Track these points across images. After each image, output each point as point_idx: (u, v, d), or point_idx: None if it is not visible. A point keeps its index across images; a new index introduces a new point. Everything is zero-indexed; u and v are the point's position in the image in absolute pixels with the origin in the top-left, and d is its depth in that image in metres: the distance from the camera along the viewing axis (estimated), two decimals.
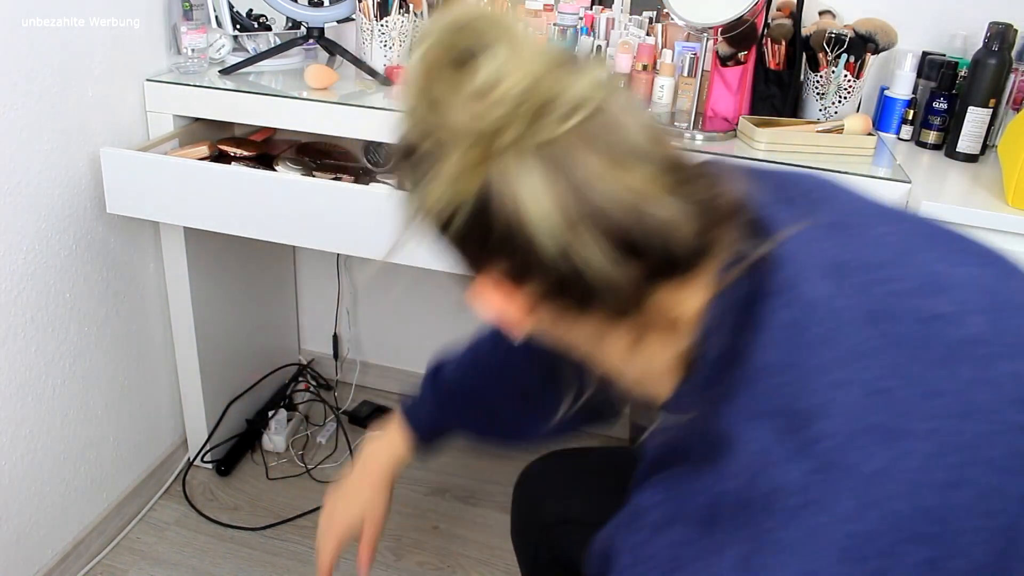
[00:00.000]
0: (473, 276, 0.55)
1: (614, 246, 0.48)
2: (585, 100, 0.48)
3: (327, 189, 1.28)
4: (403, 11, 1.50)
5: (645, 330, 0.55)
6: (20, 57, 1.19)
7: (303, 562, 1.56)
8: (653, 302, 0.53)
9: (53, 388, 1.37)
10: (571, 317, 0.55)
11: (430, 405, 0.95)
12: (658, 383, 0.58)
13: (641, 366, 0.58)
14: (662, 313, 0.54)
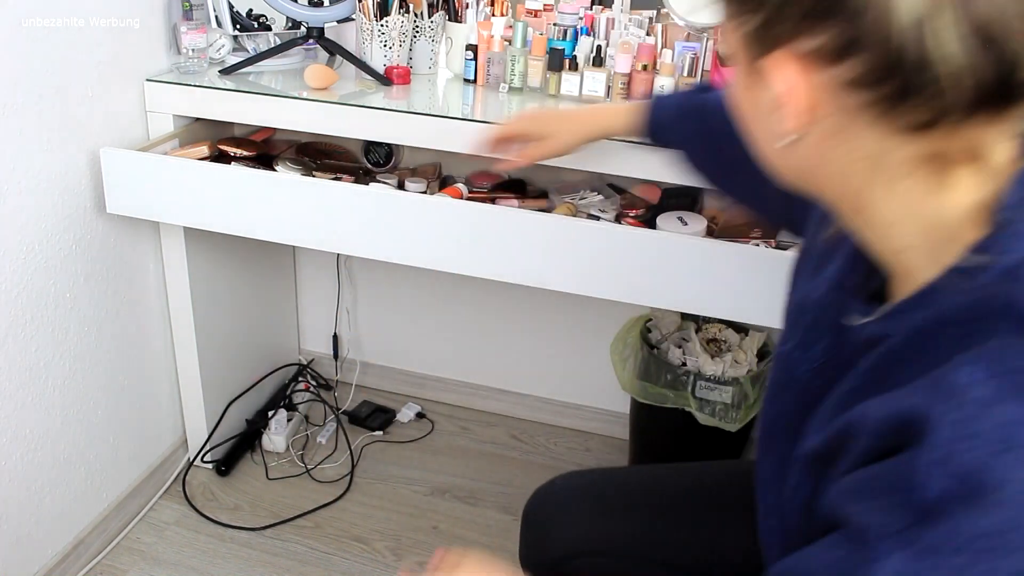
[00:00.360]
0: (770, 48, 0.50)
1: (973, 33, 0.43)
2: None
3: (327, 189, 1.28)
4: (403, 11, 1.50)
5: (943, 164, 0.49)
6: (20, 57, 1.19)
7: (303, 562, 1.56)
8: (969, 126, 0.47)
9: (53, 388, 1.37)
10: (866, 119, 0.48)
11: (673, 110, 0.99)
12: (936, 245, 0.51)
13: (925, 215, 0.51)
14: (972, 145, 0.48)
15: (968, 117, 0.46)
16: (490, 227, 1.23)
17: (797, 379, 0.67)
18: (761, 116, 0.55)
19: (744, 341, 1.67)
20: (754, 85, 0.53)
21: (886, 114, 0.48)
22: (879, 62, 0.46)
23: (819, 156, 0.53)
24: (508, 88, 1.54)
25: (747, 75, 0.53)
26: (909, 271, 0.54)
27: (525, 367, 2.01)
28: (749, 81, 0.53)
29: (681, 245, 1.17)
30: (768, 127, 0.54)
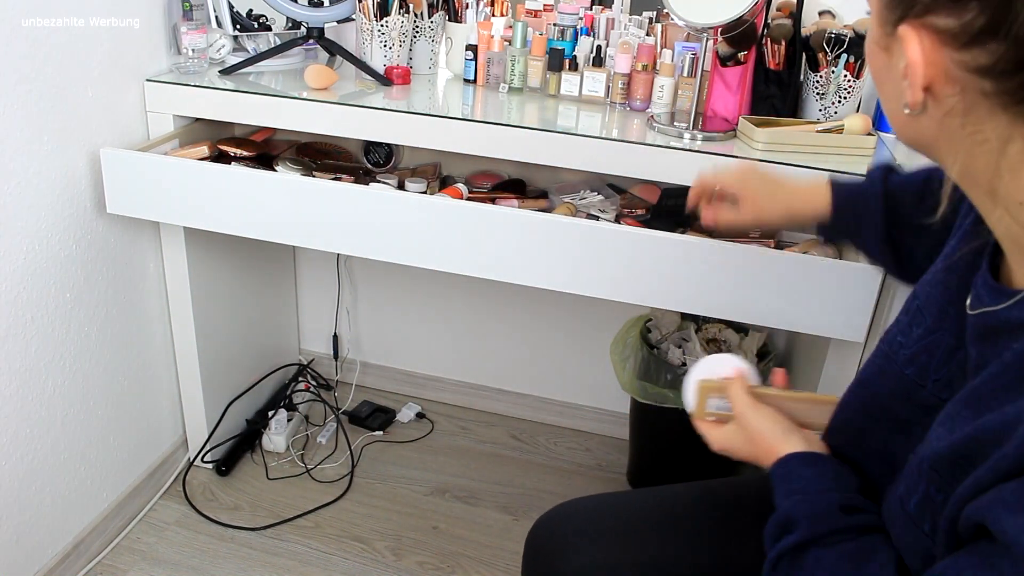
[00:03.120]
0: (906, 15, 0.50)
1: None
2: None
3: (327, 189, 1.28)
4: (403, 11, 1.50)
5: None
6: (20, 57, 1.19)
7: (303, 562, 1.56)
8: None
9: (53, 388, 1.37)
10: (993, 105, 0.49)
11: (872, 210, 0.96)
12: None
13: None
14: None
15: None
16: (490, 227, 1.23)
17: (893, 364, 0.67)
18: (891, 79, 0.55)
19: (744, 341, 1.67)
20: (889, 47, 0.54)
21: (1016, 104, 0.48)
22: (1013, 55, 0.46)
23: (941, 132, 0.53)
24: (508, 88, 1.54)
25: (884, 35, 0.54)
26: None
27: (525, 367, 2.01)
28: (885, 42, 0.54)
29: (681, 245, 1.18)
30: (896, 91, 0.55)
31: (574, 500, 0.95)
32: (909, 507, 0.58)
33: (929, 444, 0.58)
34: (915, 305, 0.68)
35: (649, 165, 1.26)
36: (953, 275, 0.65)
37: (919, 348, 0.66)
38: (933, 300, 0.66)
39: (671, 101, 1.45)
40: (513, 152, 1.31)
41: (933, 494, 0.56)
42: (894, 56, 0.53)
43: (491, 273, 1.27)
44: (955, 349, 0.63)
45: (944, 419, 0.57)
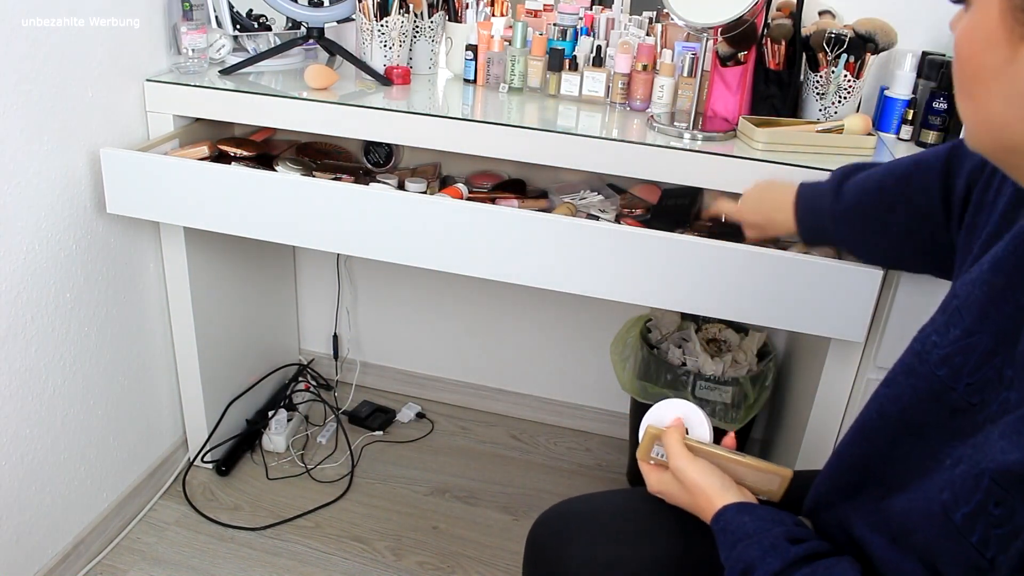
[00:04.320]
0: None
1: None
2: None
3: (327, 189, 1.28)
4: (403, 11, 1.50)
5: None
6: (20, 57, 1.19)
7: (303, 562, 1.56)
8: None
9: (53, 388, 1.37)
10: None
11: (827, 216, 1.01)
12: None
13: None
14: None
15: None
16: (490, 227, 1.23)
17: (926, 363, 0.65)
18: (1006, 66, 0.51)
19: (744, 341, 1.67)
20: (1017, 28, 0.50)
21: None
22: None
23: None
24: (508, 88, 1.54)
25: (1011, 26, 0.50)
26: None
27: (525, 367, 2.01)
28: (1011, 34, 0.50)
29: (681, 245, 1.18)
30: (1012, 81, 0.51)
31: (574, 499, 0.95)
32: (956, 517, 0.57)
33: (993, 456, 0.55)
34: (954, 304, 0.66)
35: (649, 165, 1.26)
36: (1000, 275, 0.63)
37: (955, 349, 0.64)
38: (974, 300, 0.64)
39: (671, 101, 1.45)
40: (513, 152, 1.31)
41: (992, 508, 0.54)
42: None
43: (491, 273, 1.27)
44: (993, 353, 0.61)
45: (1008, 431, 0.55)
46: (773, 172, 1.22)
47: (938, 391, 0.65)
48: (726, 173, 1.24)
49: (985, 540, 0.55)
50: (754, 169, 1.22)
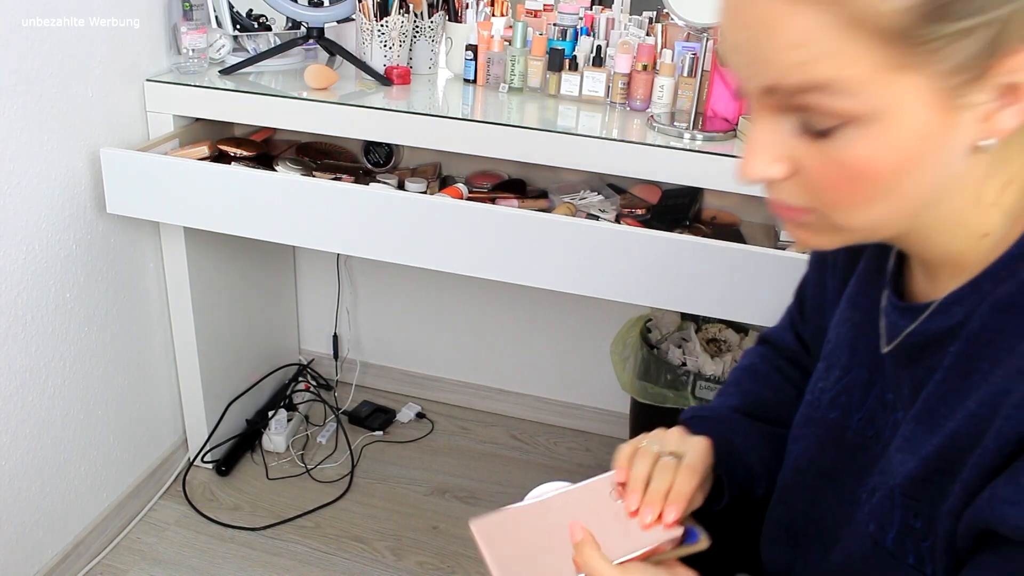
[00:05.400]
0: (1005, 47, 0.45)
1: None
2: None
3: (327, 189, 1.28)
4: (403, 11, 1.50)
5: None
6: (20, 57, 1.19)
7: (303, 562, 1.56)
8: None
9: (53, 388, 1.37)
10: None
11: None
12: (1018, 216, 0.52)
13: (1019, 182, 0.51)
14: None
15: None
16: (490, 227, 1.23)
17: (818, 410, 0.67)
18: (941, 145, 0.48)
19: (744, 341, 1.67)
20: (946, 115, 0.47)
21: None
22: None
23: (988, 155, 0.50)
24: (508, 88, 1.54)
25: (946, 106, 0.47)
26: (970, 259, 0.53)
27: (525, 367, 2.01)
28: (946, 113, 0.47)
29: (681, 245, 1.17)
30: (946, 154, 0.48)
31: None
32: (886, 543, 0.57)
33: (895, 472, 0.57)
34: (828, 348, 0.69)
35: (649, 165, 1.26)
36: (857, 310, 0.66)
37: (839, 389, 0.66)
38: (843, 339, 0.67)
39: (671, 101, 1.45)
40: (513, 152, 1.31)
41: (912, 521, 0.55)
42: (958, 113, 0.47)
43: (491, 273, 1.27)
44: (871, 383, 0.64)
45: (902, 444, 0.57)
46: None
47: (836, 434, 0.66)
48: (726, 173, 1.24)
49: (920, 557, 0.55)
50: None
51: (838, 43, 0.44)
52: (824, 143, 0.48)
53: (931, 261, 0.57)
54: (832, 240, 0.54)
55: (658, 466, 0.73)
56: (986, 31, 0.44)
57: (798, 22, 0.45)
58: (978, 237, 0.53)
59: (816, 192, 0.50)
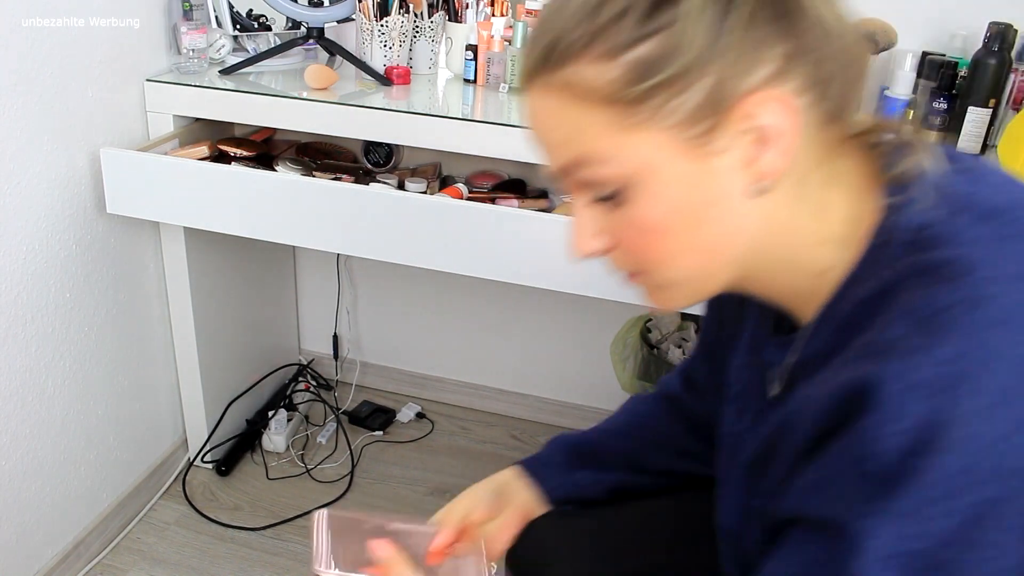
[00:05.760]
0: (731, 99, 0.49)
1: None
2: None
3: (327, 189, 1.28)
4: (403, 11, 1.50)
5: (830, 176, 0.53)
6: (20, 57, 1.19)
7: (303, 562, 1.56)
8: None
9: (53, 388, 1.37)
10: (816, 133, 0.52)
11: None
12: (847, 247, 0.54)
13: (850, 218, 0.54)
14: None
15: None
16: (490, 227, 1.23)
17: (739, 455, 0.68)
18: (720, 193, 0.51)
19: None
20: (709, 148, 0.50)
21: (833, 119, 0.52)
22: (828, 68, 0.50)
23: (784, 204, 0.53)
24: (508, 88, 1.54)
25: (698, 143, 0.50)
26: (820, 295, 0.55)
27: (525, 367, 2.01)
28: (693, 165, 0.50)
29: None
30: (729, 201, 0.51)
31: (554, 512, 0.93)
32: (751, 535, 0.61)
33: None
34: (735, 391, 0.69)
35: None
36: (754, 354, 0.67)
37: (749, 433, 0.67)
38: (750, 382, 0.67)
39: None
40: (513, 152, 1.31)
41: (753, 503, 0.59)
42: (716, 159, 0.50)
43: (491, 273, 1.27)
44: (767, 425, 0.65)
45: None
46: None
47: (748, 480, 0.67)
48: None
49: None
50: None
51: (580, 120, 0.50)
52: (618, 210, 0.52)
53: (785, 302, 0.59)
54: (673, 297, 0.57)
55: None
56: (703, 82, 0.47)
57: (550, 109, 0.51)
58: (816, 275, 0.55)
59: (632, 256, 0.55)
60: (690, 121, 0.48)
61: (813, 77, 0.50)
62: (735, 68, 0.48)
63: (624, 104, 0.48)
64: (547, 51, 0.50)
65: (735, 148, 0.49)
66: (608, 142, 0.50)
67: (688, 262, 0.54)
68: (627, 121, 0.49)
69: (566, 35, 0.49)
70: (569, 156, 0.52)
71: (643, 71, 0.47)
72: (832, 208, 0.54)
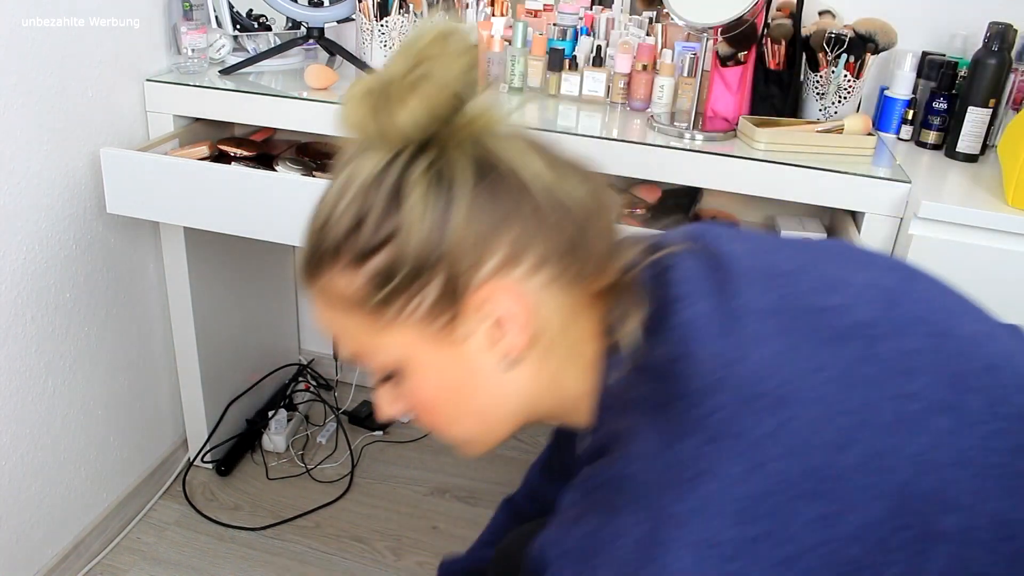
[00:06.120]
0: (464, 292, 0.55)
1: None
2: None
3: None
4: (403, 11, 1.50)
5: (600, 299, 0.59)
6: (20, 57, 1.19)
7: (303, 562, 1.56)
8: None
9: (53, 388, 1.37)
10: (558, 298, 0.57)
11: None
12: (580, 404, 0.61)
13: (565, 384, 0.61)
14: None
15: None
16: None
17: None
18: (477, 370, 0.58)
19: None
20: (452, 348, 0.57)
21: (576, 281, 0.57)
22: (563, 236, 0.55)
23: (545, 367, 0.59)
24: (508, 88, 1.54)
25: (444, 332, 0.56)
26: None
27: None
28: (445, 352, 0.57)
29: None
30: (487, 375, 0.58)
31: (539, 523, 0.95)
32: None
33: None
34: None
35: (649, 165, 1.26)
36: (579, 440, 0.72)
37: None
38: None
39: (671, 101, 1.45)
40: None
41: None
42: (464, 344, 0.56)
43: None
44: None
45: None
46: (773, 172, 1.22)
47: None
48: (726, 173, 1.24)
49: None
50: (754, 169, 1.22)
51: (343, 321, 0.57)
52: (399, 387, 0.60)
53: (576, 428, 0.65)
54: (471, 451, 0.64)
55: None
56: (435, 282, 0.54)
57: (321, 310, 0.59)
58: (587, 414, 0.61)
59: (422, 422, 0.62)
60: (431, 317, 0.55)
61: (548, 251, 0.55)
62: (463, 264, 0.53)
63: (372, 308, 0.55)
64: (307, 260, 0.58)
65: (478, 333, 0.56)
66: (368, 340, 0.57)
67: (466, 426, 0.62)
68: (378, 323, 0.56)
69: (320, 246, 0.56)
70: (348, 348, 0.60)
71: (381, 279, 0.54)
72: (581, 364, 0.60)
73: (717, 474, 0.47)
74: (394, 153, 0.54)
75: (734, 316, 0.53)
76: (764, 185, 1.23)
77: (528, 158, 0.56)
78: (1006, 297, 1.12)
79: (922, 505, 0.48)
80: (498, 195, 0.54)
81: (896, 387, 0.51)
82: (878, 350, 0.52)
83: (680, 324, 0.54)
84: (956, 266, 1.14)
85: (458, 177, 0.53)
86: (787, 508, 0.47)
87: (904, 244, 1.17)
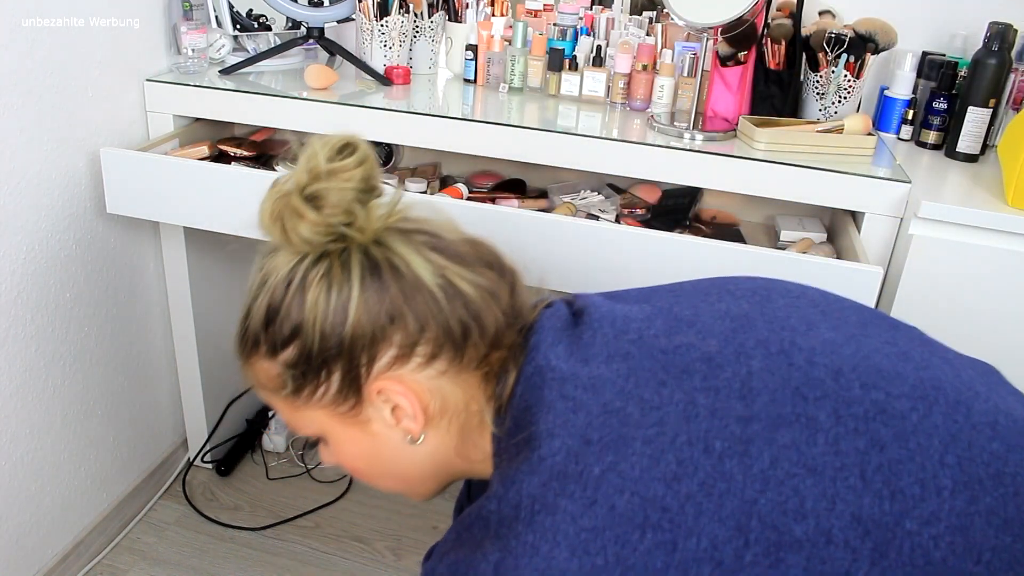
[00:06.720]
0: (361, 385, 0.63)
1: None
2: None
3: None
4: (403, 11, 1.50)
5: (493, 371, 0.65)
6: (20, 57, 1.19)
7: (303, 562, 1.56)
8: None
9: (53, 388, 1.37)
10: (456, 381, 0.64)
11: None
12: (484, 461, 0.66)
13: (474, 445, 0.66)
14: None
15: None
16: (490, 227, 1.23)
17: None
18: (387, 444, 0.65)
19: None
20: (361, 422, 0.64)
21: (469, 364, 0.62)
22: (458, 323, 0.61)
23: (449, 432, 0.65)
24: (508, 88, 1.54)
25: (351, 421, 0.64)
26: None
27: None
28: (356, 429, 0.65)
29: (681, 245, 1.18)
30: (397, 447, 0.65)
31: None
32: None
33: None
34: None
35: (649, 165, 1.26)
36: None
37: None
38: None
39: (671, 101, 1.45)
40: (513, 152, 1.31)
41: None
42: (370, 424, 0.64)
43: None
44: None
45: None
46: (773, 172, 1.22)
47: None
48: (726, 173, 1.24)
49: None
50: (754, 169, 1.22)
51: (270, 398, 0.66)
52: (329, 448, 0.68)
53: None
54: (410, 499, 0.73)
55: None
56: (335, 375, 0.61)
57: (256, 389, 0.67)
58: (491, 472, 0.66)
59: (354, 476, 0.70)
60: (337, 402, 0.63)
61: (441, 340, 0.60)
62: (360, 359, 0.60)
63: (288, 392, 0.63)
64: (237, 345, 0.65)
65: (381, 416, 0.63)
66: (292, 415, 0.66)
67: (390, 484, 0.70)
68: (296, 403, 0.64)
69: (244, 335, 0.64)
70: (281, 417, 0.68)
71: (292, 369, 0.62)
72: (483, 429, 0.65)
73: (557, 509, 0.52)
74: (300, 256, 0.60)
75: (583, 360, 0.59)
76: (764, 185, 1.23)
77: (424, 254, 0.61)
78: (1006, 297, 1.12)
79: (769, 519, 0.51)
80: (390, 293, 0.59)
81: (735, 411, 0.55)
82: (717, 379, 0.57)
83: (532, 373, 0.60)
84: (956, 266, 1.14)
85: (353, 278, 0.59)
86: (626, 538, 0.51)
87: (904, 244, 1.17)
